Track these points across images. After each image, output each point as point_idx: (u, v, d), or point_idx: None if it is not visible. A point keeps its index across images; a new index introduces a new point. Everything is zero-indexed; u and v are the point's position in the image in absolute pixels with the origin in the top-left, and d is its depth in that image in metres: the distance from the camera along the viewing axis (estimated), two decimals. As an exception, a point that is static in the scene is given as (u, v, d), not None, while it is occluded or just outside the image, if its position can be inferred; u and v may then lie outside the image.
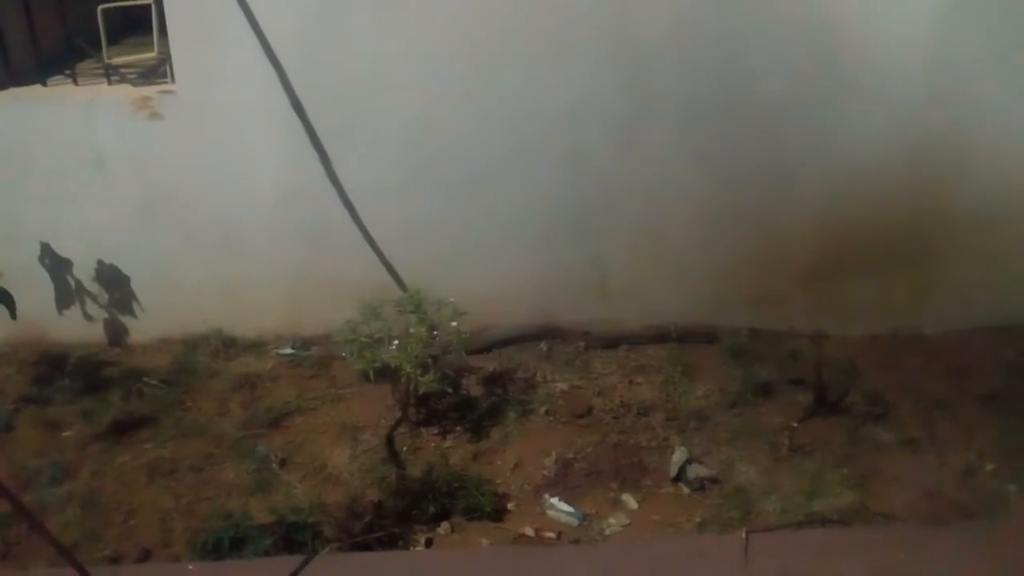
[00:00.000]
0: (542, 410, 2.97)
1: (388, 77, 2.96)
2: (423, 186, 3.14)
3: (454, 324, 2.72)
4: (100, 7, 3.01)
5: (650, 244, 3.34)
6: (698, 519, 2.47)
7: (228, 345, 3.21)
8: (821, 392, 2.96)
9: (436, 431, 2.85)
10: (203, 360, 3.16)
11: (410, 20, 2.90)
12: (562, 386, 3.11)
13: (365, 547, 2.33)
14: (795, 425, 2.84)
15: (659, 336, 3.38)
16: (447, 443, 2.81)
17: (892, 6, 3.00)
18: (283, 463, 2.70)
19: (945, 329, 3.44)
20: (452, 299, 2.77)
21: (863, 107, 3.14)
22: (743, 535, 2.21)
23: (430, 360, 2.69)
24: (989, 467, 2.72)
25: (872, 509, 2.49)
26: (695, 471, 2.63)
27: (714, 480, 2.63)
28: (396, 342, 2.61)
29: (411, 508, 2.46)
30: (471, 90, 3.02)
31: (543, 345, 3.31)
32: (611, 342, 3.37)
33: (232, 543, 2.29)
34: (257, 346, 3.23)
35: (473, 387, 3.06)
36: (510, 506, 2.56)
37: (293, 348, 3.21)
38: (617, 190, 3.24)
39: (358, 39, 2.91)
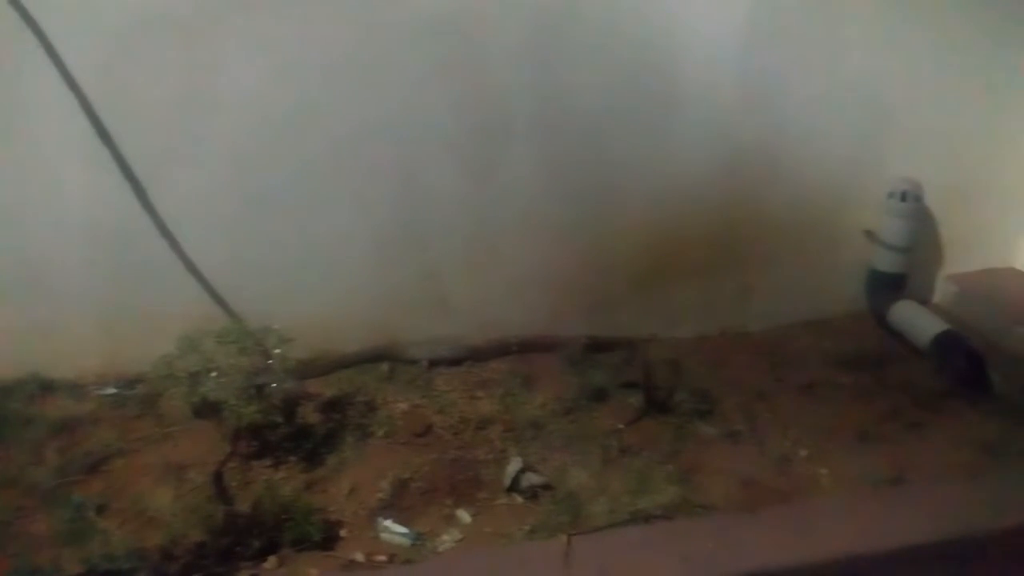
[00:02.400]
0: (380, 432, 2.95)
1: (202, 106, 2.89)
2: (250, 213, 3.08)
3: (278, 351, 2.66)
4: None
5: (488, 260, 3.40)
6: (529, 527, 2.51)
7: (45, 389, 3.03)
8: (651, 393, 3.08)
9: (268, 463, 2.78)
10: (17, 407, 2.95)
11: (224, 48, 2.85)
12: (402, 406, 3.10)
13: (184, 589, 2.25)
14: (622, 427, 2.94)
15: (501, 349, 3.43)
16: (280, 474, 2.74)
17: (699, 27, 3.18)
18: (101, 510, 2.55)
19: (768, 326, 3.67)
20: (276, 326, 2.72)
21: (679, 122, 3.32)
22: (565, 539, 2.25)
23: (255, 391, 2.63)
24: (803, 453, 2.90)
25: (693, 502, 2.60)
26: (528, 479, 2.67)
27: (547, 487, 2.67)
28: (213, 374, 2.54)
29: (236, 544, 2.38)
30: (294, 116, 2.99)
31: (384, 366, 3.30)
32: (454, 359, 3.39)
33: (36, 599, 2.16)
34: (77, 388, 3.05)
35: (310, 415, 3.00)
36: (342, 533, 2.52)
37: (116, 388, 3.06)
38: (451, 208, 3.28)
39: (168, 69, 2.82)
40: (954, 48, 3.45)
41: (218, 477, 2.66)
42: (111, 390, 3.06)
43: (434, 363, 3.34)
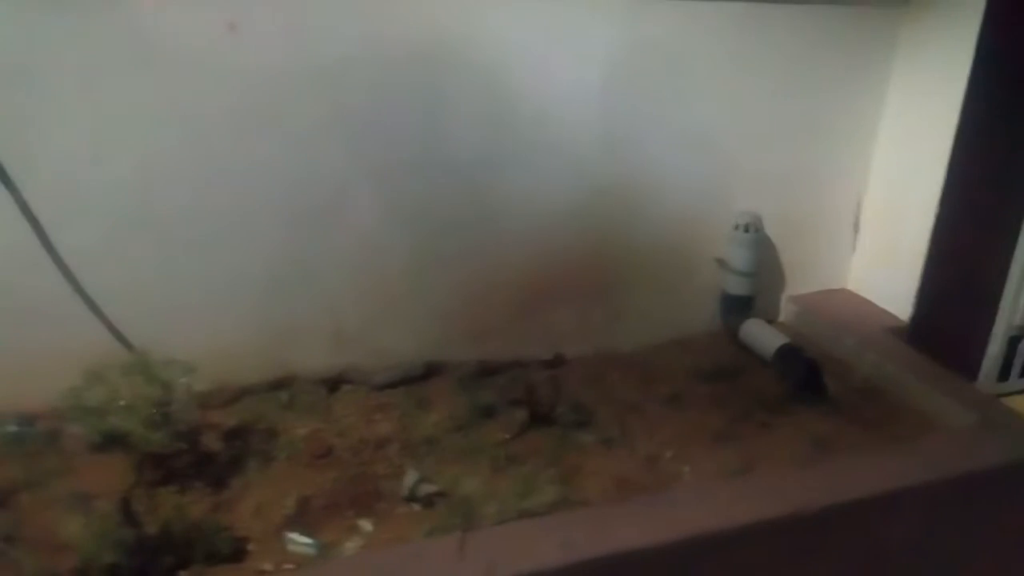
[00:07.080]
0: (283, 456, 3.13)
1: (103, 150, 3.04)
2: (147, 250, 3.22)
3: (183, 381, 2.82)
4: None
5: (379, 294, 3.65)
6: (426, 529, 2.75)
7: (-58, 431, 3.06)
8: (534, 408, 3.40)
9: (175, 489, 2.90)
10: (-88, 450, 2.98)
11: (122, 96, 3.01)
12: (303, 431, 3.29)
13: (99, 607, 2.36)
14: (508, 438, 3.25)
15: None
16: (186, 498, 2.87)
17: (560, 87, 3.57)
18: (10, 540, 2.62)
19: (637, 345, 4.07)
20: (180, 357, 2.88)
21: (548, 165, 3.68)
22: (459, 535, 2.51)
23: (160, 419, 2.77)
24: (669, 454, 3.27)
25: (572, 499, 2.92)
26: (424, 489, 2.92)
27: (441, 494, 2.93)
28: (122, 403, 2.67)
29: (148, 563, 2.52)
30: (187, 158, 3.15)
31: (284, 395, 3.48)
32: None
33: (-52, 626, 2.23)
34: (-25, 428, 3.10)
35: (214, 442, 3.15)
36: (251, 547, 2.68)
37: (17, 425, 3.12)
38: (343, 245, 3.51)
39: (72, 114, 2.97)
40: (786, 98, 3.97)
41: (126, 503, 2.77)
42: (12, 428, 3.11)
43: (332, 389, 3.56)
